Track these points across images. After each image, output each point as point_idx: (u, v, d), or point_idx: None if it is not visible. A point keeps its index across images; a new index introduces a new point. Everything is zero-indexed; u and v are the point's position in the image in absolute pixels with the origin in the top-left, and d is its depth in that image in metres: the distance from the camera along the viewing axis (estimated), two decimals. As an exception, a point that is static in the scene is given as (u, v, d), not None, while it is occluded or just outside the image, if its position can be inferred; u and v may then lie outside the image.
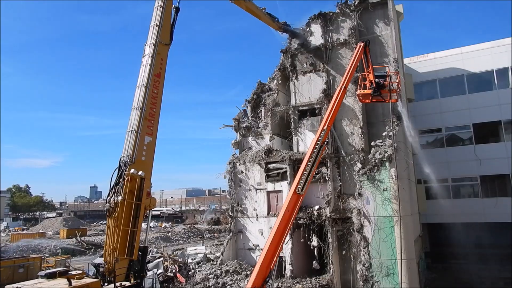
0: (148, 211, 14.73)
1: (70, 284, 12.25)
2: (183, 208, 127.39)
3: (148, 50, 15.56)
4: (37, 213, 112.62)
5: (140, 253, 14.10)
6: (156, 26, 15.82)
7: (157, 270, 23.11)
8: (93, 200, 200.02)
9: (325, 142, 14.12)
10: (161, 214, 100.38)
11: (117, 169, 14.04)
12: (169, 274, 23.27)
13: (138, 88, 15.18)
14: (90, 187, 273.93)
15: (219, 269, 21.01)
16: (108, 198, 13.83)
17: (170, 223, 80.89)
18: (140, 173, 13.80)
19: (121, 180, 13.70)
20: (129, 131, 14.50)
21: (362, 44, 18.07)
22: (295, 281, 19.24)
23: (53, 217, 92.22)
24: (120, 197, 13.35)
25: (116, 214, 13.28)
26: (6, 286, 13.22)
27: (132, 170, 13.63)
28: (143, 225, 15.04)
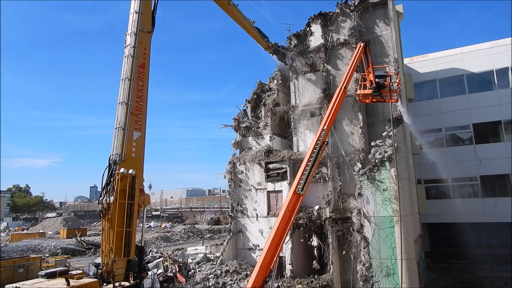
0: (142, 209, 14.42)
1: (68, 284, 12.24)
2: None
3: (130, 39, 14.58)
4: (37, 213, 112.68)
5: (137, 252, 14.00)
6: (136, 13, 14.74)
7: (157, 270, 23.10)
8: (93, 200, 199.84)
9: (325, 142, 14.10)
10: (162, 214, 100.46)
11: (107, 168, 13.59)
12: (169, 274, 23.27)
13: (122, 82, 14.34)
14: (90, 187, 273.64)
15: (219, 269, 21.01)
16: (100, 199, 13.39)
17: (170, 223, 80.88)
18: (130, 171, 13.32)
19: (112, 179, 13.25)
20: (116, 128, 13.87)
21: (362, 44, 18.08)
22: (295, 281, 19.24)
23: (53, 217, 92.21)
24: (112, 198, 12.94)
25: (110, 215, 12.93)
26: (6, 286, 13.21)
27: (122, 170, 13.15)
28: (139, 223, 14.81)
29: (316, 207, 20.32)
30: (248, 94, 26.43)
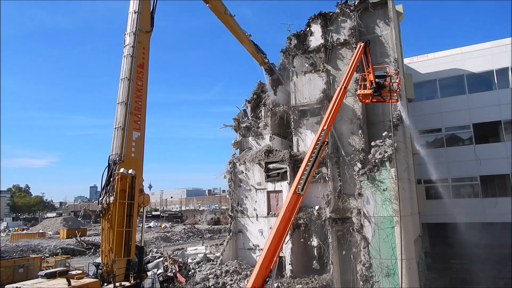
0: (142, 209, 14.44)
1: (69, 284, 12.25)
2: (183, 208, 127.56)
3: (129, 39, 14.57)
4: (37, 213, 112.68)
5: (137, 252, 14.00)
6: (135, 12, 14.72)
7: (157, 270, 23.09)
8: (93, 200, 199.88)
9: (325, 142, 14.08)
10: (161, 215, 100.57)
11: (107, 168, 13.59)
12: (169, 274, 23.25)
13: (121, 82, 14.34)
14: (90, 187, 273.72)
15: (219, 269, 21.01)
16: (100, 199, 13.42)
17: (170, 223, 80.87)
18: (130, 171, 13.33)
19: (111, 179, 13.27)
20: (115, 128, 13.88)
21: (362, 44, 18.06)
22: (295, 281, 19.24)
23: (53, 217, 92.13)
24: (112, 198, 12.95)
25: (110, 215, 12.96)
26: (6, 286, 13.23)
27: (121, 170, 13.17)
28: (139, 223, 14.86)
29: (316, 207, 20.33)
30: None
